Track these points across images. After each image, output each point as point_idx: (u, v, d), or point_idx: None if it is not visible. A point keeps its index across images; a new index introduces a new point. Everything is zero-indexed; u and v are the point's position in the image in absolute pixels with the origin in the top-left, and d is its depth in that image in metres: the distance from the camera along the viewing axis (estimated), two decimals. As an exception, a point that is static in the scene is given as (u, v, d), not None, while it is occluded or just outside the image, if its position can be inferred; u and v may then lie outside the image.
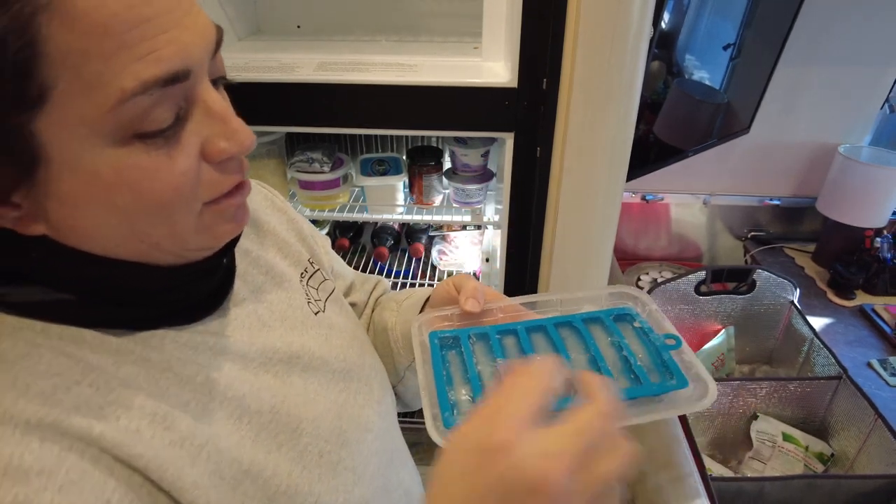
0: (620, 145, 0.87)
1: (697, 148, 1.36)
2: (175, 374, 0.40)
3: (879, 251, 1.43)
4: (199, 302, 0.45)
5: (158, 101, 0.32)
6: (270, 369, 0.47)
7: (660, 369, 0.45)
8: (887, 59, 1.43)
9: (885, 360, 1.23)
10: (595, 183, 0.90)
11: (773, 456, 1.12)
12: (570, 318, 0.51)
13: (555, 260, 0.99)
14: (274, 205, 0.60)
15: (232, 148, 0.37)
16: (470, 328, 0.50)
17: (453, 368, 0.47)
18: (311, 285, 0.58)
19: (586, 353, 0.48)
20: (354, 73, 0.92)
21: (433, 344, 0.48)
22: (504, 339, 0.49)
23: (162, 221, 0.36)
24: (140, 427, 0.37)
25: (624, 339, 0.48)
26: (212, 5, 1.07)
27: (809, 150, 1.58)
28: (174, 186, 0.35)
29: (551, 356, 0.37)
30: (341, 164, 1.21)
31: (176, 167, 0.35)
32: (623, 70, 0.80)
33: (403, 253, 1.46)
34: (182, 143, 0.35)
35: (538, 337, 0.50)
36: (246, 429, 0.43)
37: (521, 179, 0.97)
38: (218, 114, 0.36)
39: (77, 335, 0.38)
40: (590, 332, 0.49)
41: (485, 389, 0.44)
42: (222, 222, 0.40)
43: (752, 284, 1.30)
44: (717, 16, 1.26)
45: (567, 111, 0.85)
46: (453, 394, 0.44)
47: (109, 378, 0.37)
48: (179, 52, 0.32)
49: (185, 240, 0.39)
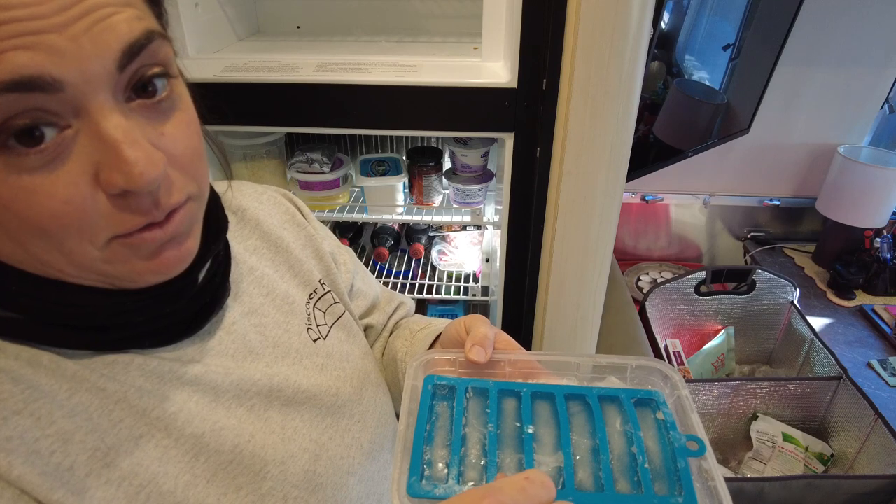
0: (620, 145, 0.87)
1: (697, 148, 1.36)
2: (130, 406, 0.38)
3: (879, 251, 1.43)
4: (172, 325, 0.41)
5: (7, 111, 0.28)
6: (245, 403, 0.44)
7: (670, 478, 0.39)
8: (887, 59, 1.43)
9: (884, 361, 1.23)
10: (595, 183, 0.90)
11: (773, 456, 1.12)
12: (585, 390, 0.45)
13: (555, 260, 0.99)
14: (294, 220, 0.58)
15: (122, 182, 0.31)
16: (470, 380, 0.45)
17: (439, 424, 0.43)
18: (318, 308, 0.55)
19: (591, 439, 0.42)
20: (354, 73, 0.92)
21: (425, 391, 0.44)
22: (504, 401, 0.44)
23: (52, 248, 0.32)
24: (75, 463, 0.35)
25: (639, 430, 0.42)
26: (212, 5, 1.07)
27: (809, 150, 1.58)
28: (53, 213, 0.31)
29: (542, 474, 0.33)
30: (341, 164, 1.21)
31: (56, 193, 0.30)
32: (623, 70, 0.80)
33: (403, 253, 1.46)
34: (66, 168, 0.31)
35: (542, 406, 0.44)
36: (201, 468, 0.40)
37: (521, 180, 0.97)
38: (109, 139, 0.31)
39: (34, 357, 0.36)
40: (603, 413, 0.43)
41: (464, 461, 0.40)
42: (136, 260, 0.35)
43: (751, 285, 1.30)
44: (716, 16, 1.26)
45: (567, 111, 0.85)
46: (429, 454, 0.40)
47: (56, 407, 0.35)
48: (43, 58, 0.28)
49: (93, 269, 0.35)
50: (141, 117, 0.33)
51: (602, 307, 1.05)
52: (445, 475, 0.39)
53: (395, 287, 1.36)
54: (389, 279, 1.39)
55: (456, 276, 1.37)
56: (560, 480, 0.39)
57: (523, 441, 0.42)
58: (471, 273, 1.37)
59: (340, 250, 0.64)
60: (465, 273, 1.37)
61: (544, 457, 0.41)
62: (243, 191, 0.57)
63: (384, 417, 0.57)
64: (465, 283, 1.34)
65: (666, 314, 1.33)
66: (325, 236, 0.61)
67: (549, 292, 1.03)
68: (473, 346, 0.46)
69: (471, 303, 1.42)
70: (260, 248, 0.53)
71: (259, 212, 0.55)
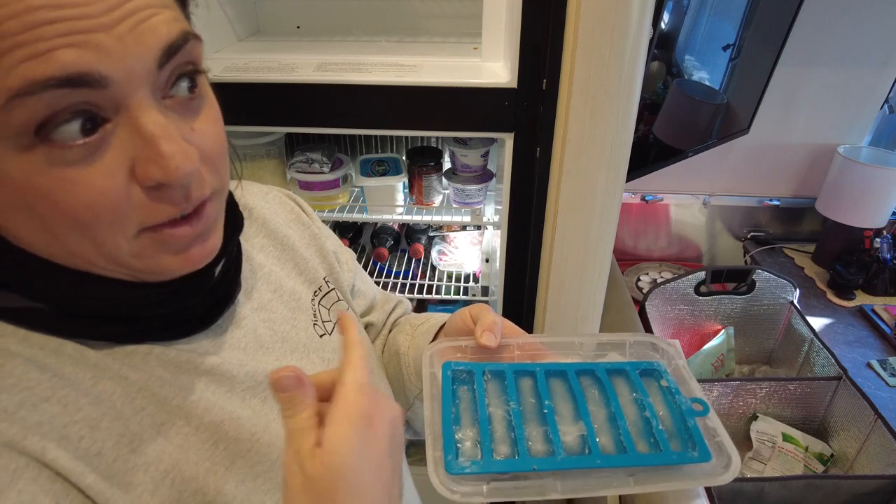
0: (620, 145, 0.87)
1: (697, 148, 1.36)
2: (152, 394, 0.39)
3: (879, 251, 1.43)
4: (189, 318, 0.43)
5: (55, 106, 0.30)
6: (259, 394, 0.46)
7: (682, 436, 0.43)
8: (887, 59, 1.43)
9: (884, 361, 1.23)
10: (595, 183, 0.90)
11: (773, 456, 1.12)
12: (593, 366, 0.48)
13: (555, 260, 0.99)
14: (299, 219, 0.59)
15: (158, 176, 0.33)
16: (485, 364, 0.48)
17: (463, 406, 0.45)
18: (322, 305, 0.56)
19: (606, 407, 0.45)
20: (354, 73, 0.92)
21: (445, 376, 0.46)
22: (520, 381, 0.47)
23: (85, 239, 0.34)
24: (103, 449, 0.36)
25: (648, 397, 0.46)
26: (212, 5, 1.07)
27: (809, 150, 1.58)
28: (88, 204, 0.32)
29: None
30: (341, 164, 1.21)
31: (94, 184, 0.32)
32: (623, 70, 0.80)
33: (403, 253, 1.46)
34: (105, 160, 0.32)
35: (557, 382, 0.47)
36: (221, 455, 0.41)
37: (521, 180, 0.97)
38: (147, 134, 0.32)
39: (59, 346, 0.37)
40: (613, 384, 0.47)
41: (493, 438, 0.42)
42: (163, 254, 0.37)
43: (751, 285, 1.30)
44: (716, 16, 1.26)
45: (567, 111, 0.85)
46: (460, 434, 0.42)
47: (82, 395, 0.36)
48: (91, 55, 0.30)
49: (121, 262, 0.36)
50: (175, 113, 0.35)
51: (602, 307, 1.05)
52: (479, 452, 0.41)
53: (395, 287, 1.36)
54: (389, 279, 1.39)
55: (456, 276, 1.37)
56: (586, 447, 0.42)
57: (545, 415, 0.44)
58: (471, 273, 1.37)
59: (341, 251, 0.65)
60: (464, 273, 1.37)
61: (567, 426, 0.44)
62: (250, 190, 0.58)
63: None
64: (465, 283, 1.34)
65: (666, 314, 1.33)
66: (328, 235, 0.62)
67: (549, 292, 1.03)
68: (484, 331, 0.48)
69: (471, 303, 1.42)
70: (266, 246, 0.54)
71: (265, 210, 0.56)
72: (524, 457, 0.41)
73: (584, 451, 0.42)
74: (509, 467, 0.41)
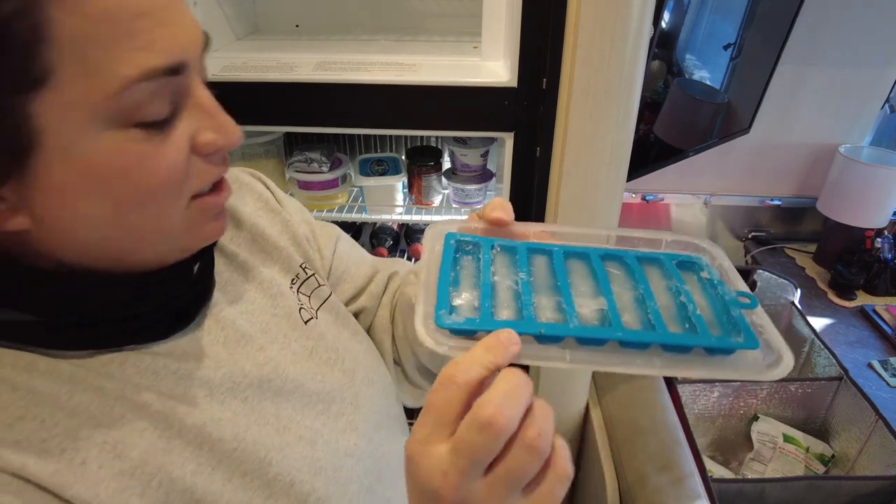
0: (620, 145, 0.87)
1: (698, 148, 1.36)
2: (130, 402, 0.39)
3: (880, 251, 1.43)
4: (168, 317, 0.43)
5: (157, 92, 0.34)
6: (239, 395, 0.45)
7: (724, 325, 0.36)
8: (887, 59, 1.43)
9: (885, 361, 1.23)
10: (595, 183, 0.89)
11: (774, 457, 1.12)
12: (621, 252, 0.41)
13: (554, 260, 0.98)
14: (268, 205, 0.58)
15: (220, 140, 0.38)
16: (495, 238, 0.41)
17: (464, 273, 0.38)
18: (302, 292, 0.55)
19: (634, 290, 0.38)
20: (353, 72, 0.92)
21: (447, 245, 0.40)
22: (533, 258, 0.40)
23: (151, 213, 0.37)
24: (87, 458, 0.36)
25: (685, 285, 0.38)
26: (211, 5, 1.07)
27: (810, 150, 1.57)
28: (165, 176, 0.36)
29: (520, 373, 0.30)
30: (340, 164, 1.21)
31: (168, 157, 0.36)
32: (623, 70, 0.80)
33: (403, 253, 1.45)
34: (175, 135, 0.36)
35: (576, 264, 0.40)
36: (206, 456, 0.41)
37: (521, 180, 0.96)
38: (208, 108, 0.38)
39: (31, 363, 0.37)
40: (644, 271, 0.39)
41: (496, 300, 0.36)
42: (207, 220, 0.41)
43: (752, 285, 1.30)
44: (717, 15, 1.25)
45: (567, 111, 0.84)
46: (456, 296, 0.36)
47: (58, 409, 0.36)
48: (177, 46, 0.34)
49: (170, 235, 0.39)
50: None
51: (602, 307, 1.04)
52: (477, 309, 0.35)
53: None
54: (389, 279, 1.38)
55: (455, 276, 1.37)
56: (606, 321, 0.35)
57: (559, 287, 0.38)
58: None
59: (318, 233, 0.63)
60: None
61: (585, 300, 0.37)
62: None
63: (380, 395, 0.57)
64: (464, 284, 1.34)
65: (666, 314, 1.33)
66: (299, 222, 0.60)
67: (548, 292, 1.02)
68: (495, 208, 0.43)
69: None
70: (236, 238, 0.53)
71: (234, 200, 0.55)
72: (529, 320, 0.35)
73: (603, 324, 0.35)
74: (511, 329, 0.33)
